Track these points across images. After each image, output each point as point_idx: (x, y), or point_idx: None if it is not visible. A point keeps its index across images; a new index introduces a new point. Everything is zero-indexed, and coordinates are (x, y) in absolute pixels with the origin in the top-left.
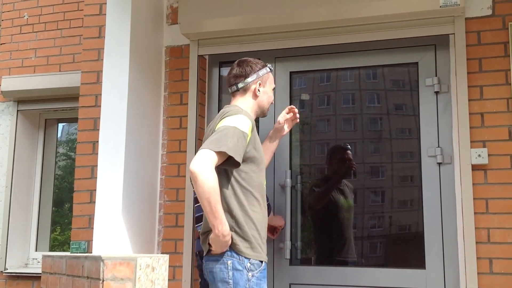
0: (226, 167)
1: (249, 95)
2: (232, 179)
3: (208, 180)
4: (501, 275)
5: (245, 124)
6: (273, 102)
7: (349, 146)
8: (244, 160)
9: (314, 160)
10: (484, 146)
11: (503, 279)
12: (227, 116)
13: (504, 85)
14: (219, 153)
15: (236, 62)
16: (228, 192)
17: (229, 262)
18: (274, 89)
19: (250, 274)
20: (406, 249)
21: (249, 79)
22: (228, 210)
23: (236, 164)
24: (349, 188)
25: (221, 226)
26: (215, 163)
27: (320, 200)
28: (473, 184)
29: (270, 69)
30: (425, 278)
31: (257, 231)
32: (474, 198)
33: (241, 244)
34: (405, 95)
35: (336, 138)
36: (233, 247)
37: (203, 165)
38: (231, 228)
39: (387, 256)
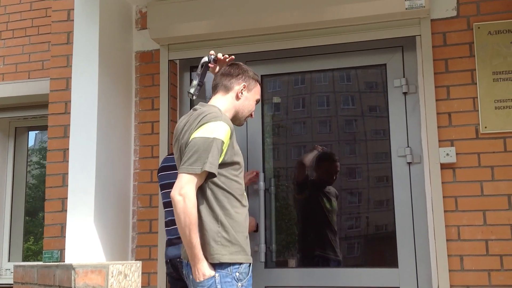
0: (207, 179)
1: (231, 96)
2: (212, 185)
3: (188, 209)
4: (471, 272)
5: (223, 131)
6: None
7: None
8: (223, 165)
9: (289, 163)
10: (452, 145)
11: (473, 275)
12: (205, 123)
13: (470, 84)
14: (201, 174)
15: (229, 64)
16: (211, 198)
17: (217, 275)
18: (257, 102)
19: (239, 284)
20: (380, 249)
21: (235, 80)
22: (213, 216)
23: (213, 176)
24: (334, 193)
25: (194, 255)
26: (196, 187)
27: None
28: (442, 182)
29: (259, 83)
30: (399, 277)
31: (242, 233)
32: (443, 197)
33: (230, 250)
34: (378, 96)
35: (312, 141)
36: (220, 258)
37: (184, 193)
38: (218, 234)
39: (362, 256)
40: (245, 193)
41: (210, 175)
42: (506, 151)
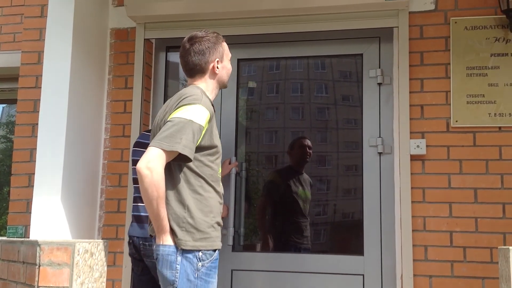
0: (178, 161)
1: (208, 75)
2: (185, 168)
3: (156, 182)
4: (435, 262)
5: (202, 115)
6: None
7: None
8: (199, 149)
9: (261, 148)
10: (423, 137)
11: (437, 266)
12: (184, 105)
13: (444, 78)
14: (170, 152)
15: (187, 40)
16: (181, 181)
17: (179, 248)
18: (230, 58)
19: (200, 263)
20: (347, 236)
21: (207, 58)
22: (180, 200)
23: (188, 160)
24: (308, 181)
25: (162, 227)
26: (164, 163)
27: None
28: (411, 173)
29: (223, 40)
30: (363, 264)
31: (213, 218)
32: (411, 187)
33: (194, 236)
34: (351, 86)
35: (284, 127)
36: (182, 245)
37: (151, 167)
38: (184, 219)
39: (329, 243)
40: (220, 180)
41: (184, 159)
42: (475, 146)
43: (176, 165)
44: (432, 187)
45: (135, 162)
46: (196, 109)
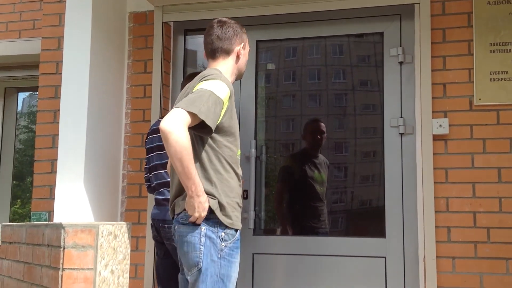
0: (200, 133)
1: (231, 58)
2: (207, 147)
3: (180, 139)
4: (458, 243)
5: (222, 90)
6: None
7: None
8: (219, 130)
9: (279, 135)
10: (445, 117)
11: (460, 247)
12: (205, 80)
13: (467, 55)
14: (190, 114)
15: (215, 22)
16: (204, 159)
17: (203, 228)
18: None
19: (223, 244)
20: (368, 220)
21: (233, 41)
22: (206, 177)
23: (209, 130)
24: (325, 163)
25: (195, 186)
26: (187, 123)
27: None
28: (433, 154)
29: (245, 32)
30: (385, 247)
31: (233, 198)
32: (434, 168)
33: (217, 211)
34: (370, 70)
35: (301, 114)
36: (208, 214)
37: (175, 124)
38: (208, 193)
39: (350, 228)
40: (239, 162)
41: (205, 131)
42: (499, 124)
43: (199, 143)
44: (455, 167)
45: (151, 150)
46: (217, 84)
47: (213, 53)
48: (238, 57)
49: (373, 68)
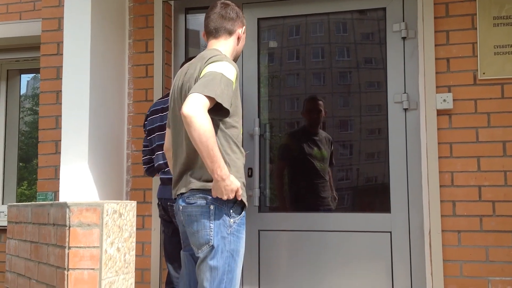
0: (214, 116)
1: (232, 39)
2: (217, 129)
3: (204, 123)
4: (463, 217)
5: (231, 71)
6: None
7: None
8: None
9: (283, 114)
10: (449, 91)
11: (465, 221)
12: (212, 62)
13: (470, 29)
14: (208, 98)
15: (220, 4)
16: (218, 143)
17: (212, 206)
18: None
19: (232, 220)
20: (373, 196)
21: (236, 23)
22: None
23: (225, 112)
24: (326, 139)
25: (220, 169)
26: (207, 106)
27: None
28: (438, 129)
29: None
30: (391, 222)
31: (240, 178)
32: (438, 143)
33: None
34: (374, 47)
35: (305, 93)
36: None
37: (196, 109)
38: None
39: (355, 203)
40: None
41: (218, 111)
42: (503, 98)
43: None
44: (460, 141)
45: (152, 131)
46: (225, 65)
47: (216, 31)
48: (238, 39)
49: (376, 45)
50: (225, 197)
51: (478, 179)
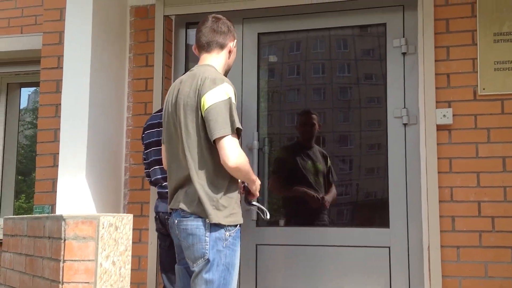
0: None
1: (224, 53)
2: (214, 151)
3: (245, 163)
4: (463, 233)
5: (230, 92)
6: (242, 64)
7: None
8: None
9: (283, 129)
10: (449, 106)
11: (465, 236)
12: (210, 90)
13: (471, 45)
14: (233, 134)
15: (211, 17)
16: (211, 165)
17: (207, 220)
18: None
19: (227, 233)
20: (372, 211)
21: (227, 37)
22: (212, 182)
23: (239, 134)
24: (321, 154)
25: (253, 181)
26: (238, 143)
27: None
28: (437, 144)
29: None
30: (389, 237)
31: (237, 194)
32: (438, 158)
33: (224, 213)
34: (374, 63)
35: (305, 108)
36: (214, 218)
37: (237, 156)
38: (214, 198)
39: (354, 218)
40: None
41: (238, 131)
42: (504, 113)
43: (208, 150)
44: (459, 157)
45: (149, 145)
46: (223, 89)
47: (208, 45)
48: (230, 52)
49: (377, 61)
50: (257, 193)
51: (477, 194)
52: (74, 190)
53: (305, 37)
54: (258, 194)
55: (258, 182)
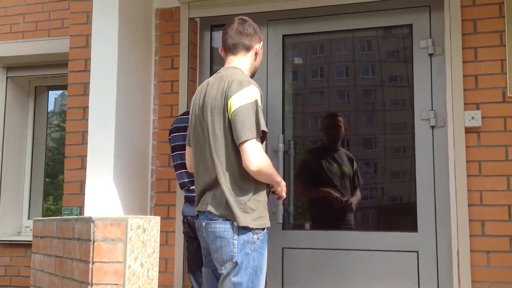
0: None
1: (250, 55)
2: (236, 150)
3: (267, 167)
4: (493, 237)
5: (256, 94)
6: (266, 66)
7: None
8: None
9: (307, 131)
10: (477, 109)
11: (495, 241)
12: (236, 92)
13: (499, 46)
14: (257, 138)
15: (237, 19)
16: (237, 168)
17: (235, 223)
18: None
19: (255, 237)
20: (399, 215)
21: (254, 39)
22: (239, 185)
23: (265, 137)
24: (347, 157)
25: (278, 182)
26: (261, 147)
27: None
28: (466, 146)
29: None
30: (418, 241)
31: (264, 197)
32: (467, 161)
33: (252, 216)
34: (399, 64)
35: (329, 111)
36: (242, 221)
37: (259, 160)
38: (242, 201)
39: (381, 222)
40: None
41: (263, 134)
42: None
43: (234, 153)
44: (489, 160)
45: (174, 149)
46: (252, 90)
47: (234, 47)
48: (256, 54)
49: (402, 63)
50: (283, 194)
51: (508, 198)
52: (102, 192)
53: (329, 38)
54: (284, 195)
55: (283, 183)
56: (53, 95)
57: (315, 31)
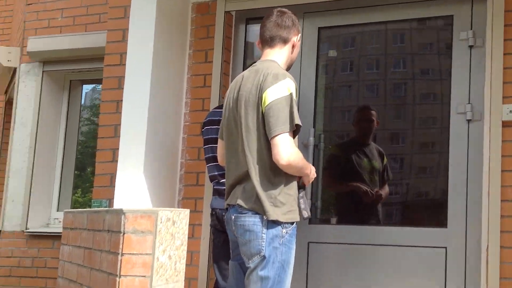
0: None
1: (287, 48)
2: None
3: (297, 162)
4: None
5: (291, 88)
6: (300, 59)
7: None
8: None
9: (337, 125)
10: None
11: None
12: (272, 85)
13: None
14: (290, 132)
15: (276, 12)
16: (268, 162)
17: (264, 217)
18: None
19: (284, 231)
20: (429, 211)
21: (291, 31)
22: (269, 179)
23: (298, 130)
24: (378, 152)
25: (307, 174)
26: (293, 142)
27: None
28: (502, 141)
29: None
30: (446, 237)
31: (294, 191)
32: (502, 156)
33: (282, 210)
34: (434, 57)
35: (358, 104)
36: (272, 215)
37: (290, 155)
38: (272, 195)
39: (409, 218)
40: None
41: (297, 127)
42: None
43: (266, 147)
44: None
45: (207, 141)
46: (288, 83)
47: (271, 40)
48: (293, 47)
49: (436, 56)
50: (307, 183)
51: None
52: (132, 185)
53: (363, 31)
54: (307, 183)
55: (313, 171)
56: (84, 89)
57: (352, 23)
